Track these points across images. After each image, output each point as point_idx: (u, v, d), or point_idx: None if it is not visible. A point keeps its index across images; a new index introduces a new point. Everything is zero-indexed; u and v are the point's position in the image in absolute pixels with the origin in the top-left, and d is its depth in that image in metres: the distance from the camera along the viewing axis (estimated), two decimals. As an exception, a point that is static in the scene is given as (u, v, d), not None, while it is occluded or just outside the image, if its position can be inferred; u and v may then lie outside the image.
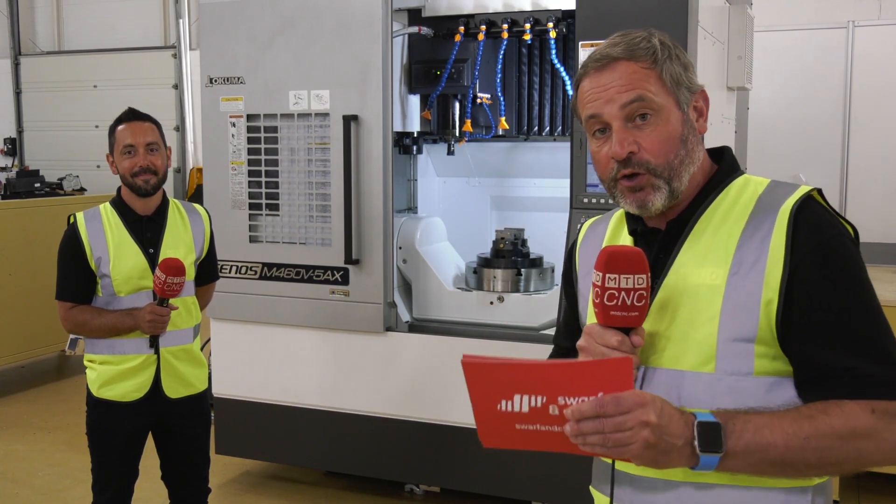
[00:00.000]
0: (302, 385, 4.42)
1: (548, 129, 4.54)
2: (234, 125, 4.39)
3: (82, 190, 12.26)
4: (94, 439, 3.26)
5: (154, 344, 3.20)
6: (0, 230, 6.46)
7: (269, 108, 4.31)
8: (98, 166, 12.36)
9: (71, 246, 3.18)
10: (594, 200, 3.68)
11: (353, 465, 4.49)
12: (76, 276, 3.18)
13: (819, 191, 1.54)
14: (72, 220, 3.23)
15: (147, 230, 3.24)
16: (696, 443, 1.32)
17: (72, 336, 3.42)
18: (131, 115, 3.23)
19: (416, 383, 4.22)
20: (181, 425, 3.35)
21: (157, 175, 3.20)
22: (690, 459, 1.32)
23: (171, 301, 3.14)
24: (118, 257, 3.16)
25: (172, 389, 3.27)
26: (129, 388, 3.20)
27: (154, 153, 3.19)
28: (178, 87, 13.07)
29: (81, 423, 3.29)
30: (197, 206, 3.48)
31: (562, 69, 4.19)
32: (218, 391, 4.62)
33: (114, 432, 3.23)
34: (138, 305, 3.16)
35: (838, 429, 1.34)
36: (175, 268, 3.05)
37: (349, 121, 4.11)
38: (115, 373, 3.19)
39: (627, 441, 1.28)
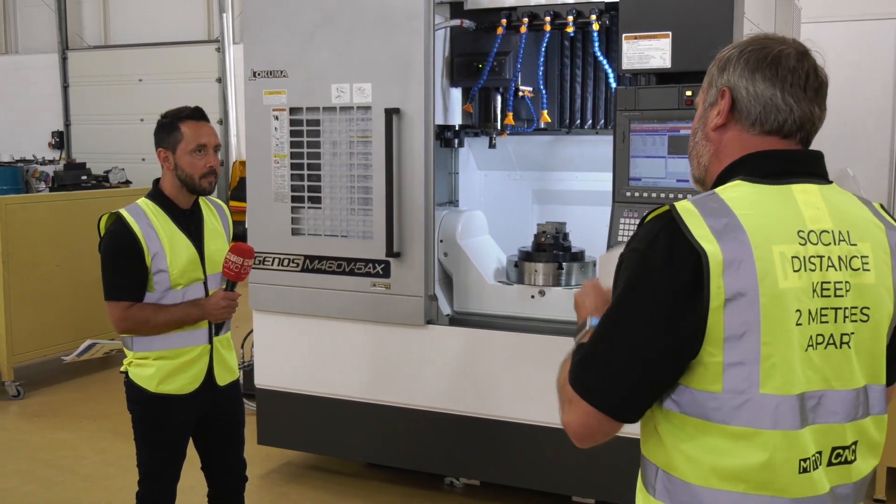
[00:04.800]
0: (343, 377, 4.45)
1: (590, 122, 4.51)
2: (276, 118, 4.42)
3: (128, 182, 12.45)
4: (149, 435, 3.27)
5: (216, 332, 3.28)
6: (47, 222, 6.56)
7: (312, 102, 4.33)
8: (143, 159, 12.53)
9: (125, 244, 3.12)
10: (637, 194, 3.64)
11: (393, 458, 4.51)
12: (133, 273, 3.14)
13: (675, 209, 1.55)
14: (111, 219, 3.18)
15: (190, 223, 3.28)
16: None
17: (88, 341, 3.35)
18: (199, 114, 3.25)
19: (457, 376, 4.22)
20: (227, 411, 3.42)
21: (217, 176, 3.27)
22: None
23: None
24: (174, 251, 3.18)
25: (221, 377, 3.35)
26: (187, 380, 3.25)
27: (216, 154, 3.27)
28: (221, 80, 13.20)
29: (126, 411, 3.32)
30: (215, 198, 3.53)
31: (605, 62, 4.16)
32: (260, 382, 4.66)
33: (171, 425, 3.28)
34: (195, 297, 3.23)
35: (561, 377, 1.68)
36: (247, 250, 3.14)
37: (391, 114, 4.12)
38: (174, 367, 3.22)
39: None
